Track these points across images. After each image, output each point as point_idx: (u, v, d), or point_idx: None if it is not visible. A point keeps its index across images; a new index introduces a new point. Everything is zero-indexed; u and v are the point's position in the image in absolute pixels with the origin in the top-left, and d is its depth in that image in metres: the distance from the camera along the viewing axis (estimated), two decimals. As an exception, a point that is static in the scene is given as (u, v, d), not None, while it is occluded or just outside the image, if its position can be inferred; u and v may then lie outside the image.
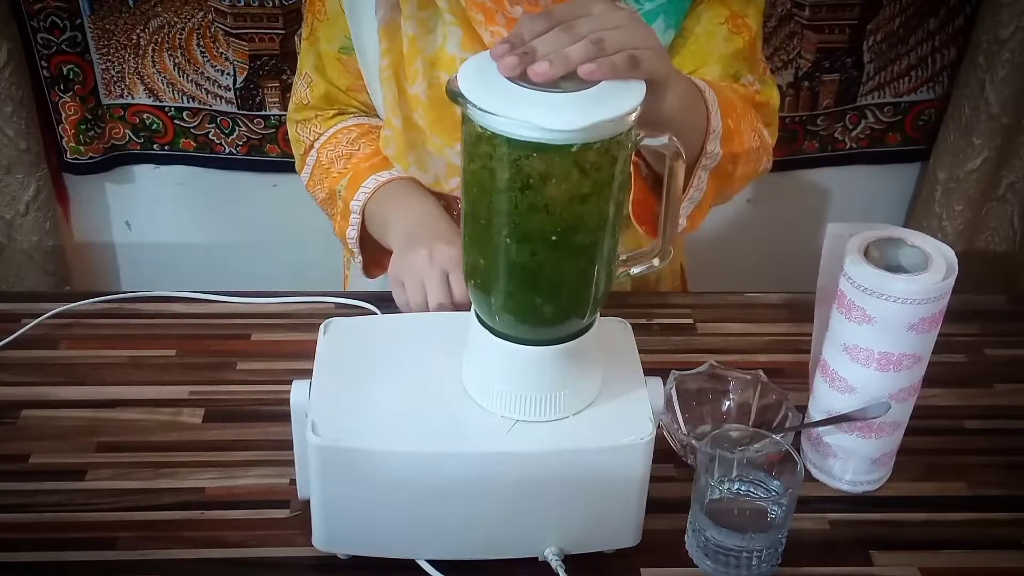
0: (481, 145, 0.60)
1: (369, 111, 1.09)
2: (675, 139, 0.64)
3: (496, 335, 0.67)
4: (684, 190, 0.89)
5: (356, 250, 1.04)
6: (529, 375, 0.68)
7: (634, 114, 0.60)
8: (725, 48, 0.98)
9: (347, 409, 0.69)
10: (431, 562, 0.72)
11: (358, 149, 1.05)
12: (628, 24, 0.65)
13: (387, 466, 0.68)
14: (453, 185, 1.02)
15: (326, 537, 0.72)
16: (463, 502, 0.69)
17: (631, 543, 0.73)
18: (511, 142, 0.58)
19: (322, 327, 0.76)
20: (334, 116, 1.10)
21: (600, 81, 0.60)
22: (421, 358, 0.74)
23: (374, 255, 1.06)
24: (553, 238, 0.62)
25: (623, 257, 0.69)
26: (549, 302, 0.65)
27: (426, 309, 0.90)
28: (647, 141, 0.63)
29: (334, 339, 0.75)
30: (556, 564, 0.71)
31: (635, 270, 0.70)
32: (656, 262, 0.70)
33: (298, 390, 0.70)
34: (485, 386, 0.70)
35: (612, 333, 0.76)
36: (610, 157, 0.60)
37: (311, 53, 1.07)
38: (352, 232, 1.03)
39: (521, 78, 0.60)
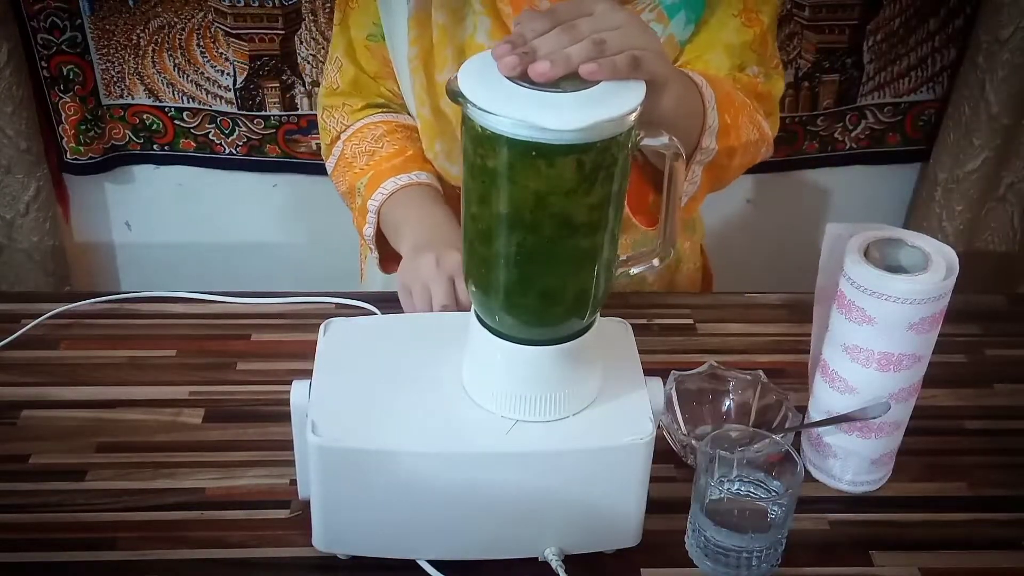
0: (481, 145, 0.60)
1: (396, 99, 1.09)
2: (675, 140, 0.64)
3: (496, 335, 0.67)
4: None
5: (372, 246, 1.05)
6: (529, 375, 0.68)
7: (634, 114, 0.60)
8: (735, 38, 0.99)
9: (347, 409, 0.69)
10: (431, 563, 0.72)
11: (381, 147, 1.06)
12: (629, 24, 0.65)
13: (387, 466, 0.68)
14: None
15: (326, 537, 0.72)
16: (463, 502, 0.69)
17: (631, 543, 0.73)
18: (511, 142, 0.58)
19: (322, 327, 0.76)
20: (363, 108, 1.10)
21: (600, 81, 0.60)
22: (421, 359, 0.74)
23: (390, 252, 1.06)
24: (553, 238, 0.62)
25: (623, 257, 0.69)
26: (549, 302, 0.65)
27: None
28: (647, 141, 0.63)
29: (334, 339, 0.75)
30: (556, 564, 0.71)
31: (635, 270, 0.70)
32: (656, 262, 0.70)
33: (298, 390, 0.70)
34: (485, 386, 0.70)
35: (612, 333, 0.76)
36: (610, 157, 0.60)
37: (342, 38, 1.08)
38: (369, 230, 1.03)
39: (522, 78, 0.60)
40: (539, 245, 0.62)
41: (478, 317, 0.69)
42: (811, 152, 1.64)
